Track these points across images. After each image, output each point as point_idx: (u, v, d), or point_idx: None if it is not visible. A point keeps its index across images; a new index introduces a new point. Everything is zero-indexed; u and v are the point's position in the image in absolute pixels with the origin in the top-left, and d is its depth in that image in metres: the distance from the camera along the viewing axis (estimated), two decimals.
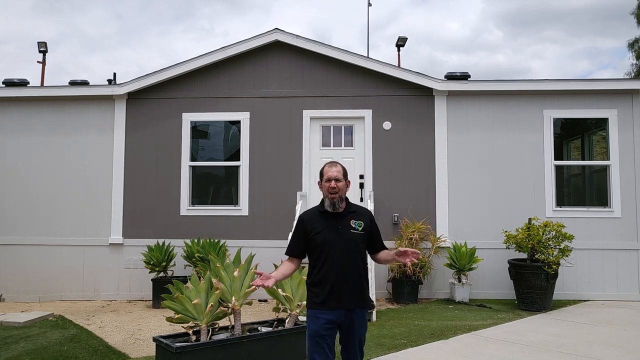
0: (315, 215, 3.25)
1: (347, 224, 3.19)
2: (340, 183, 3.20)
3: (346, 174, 3.28)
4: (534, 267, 7.31)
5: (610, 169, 8.48)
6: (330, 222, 3.19)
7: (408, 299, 7.94)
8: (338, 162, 3.30)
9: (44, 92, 9.27)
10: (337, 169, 3.23)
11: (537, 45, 62.56)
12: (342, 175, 3.23)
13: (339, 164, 3.28)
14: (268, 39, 8.87)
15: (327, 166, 3.28)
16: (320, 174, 3.30)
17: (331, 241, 3.13)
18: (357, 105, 8.83)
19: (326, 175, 3.22)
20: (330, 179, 3.19)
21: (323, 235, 3.15)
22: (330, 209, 3.20)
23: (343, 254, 3.13)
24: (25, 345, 5.66)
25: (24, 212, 8.99)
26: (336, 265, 3.11)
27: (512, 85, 8.68)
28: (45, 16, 74.72)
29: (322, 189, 3.26)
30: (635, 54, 23.71)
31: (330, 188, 3.18)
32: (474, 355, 5.18)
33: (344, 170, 3.26)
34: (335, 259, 3.12)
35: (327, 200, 3.21)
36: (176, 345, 3.83)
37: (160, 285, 7.79)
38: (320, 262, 3.14)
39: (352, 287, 3.14)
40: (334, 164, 3.27)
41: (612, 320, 6.81)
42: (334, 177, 3.19)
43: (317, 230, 3.17)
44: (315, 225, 3.19)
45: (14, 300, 8.78)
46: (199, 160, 9.10)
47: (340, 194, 3.20)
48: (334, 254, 3.12)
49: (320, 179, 3.29)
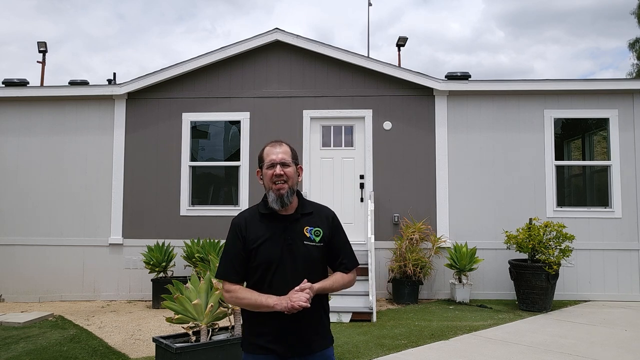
0: (255, 219, 2.27)
1: (299, 232, 2.25)
2: (289, 169, 2.25)
3: (295, 155, 2.33)
4: (535, 268, 7.30)
5: (610, 169, 8.47)
6: (274, 230, 2.23)
7: (408, 299, 7.92)
8: (283, 141, 2.35)
9: (43, 92, 9.26)
10: (282, 149, 2.28)
11: (539, 46, 62.58)
12: (291, 157, 2.29)
13: (285, 143, 2.34)
14: (268, 39, 8.86)
15: (269, 147, 2.31)
16: (260, 158, 2.32)
17: (277, 259, 2.19)
18: (357, 105, 8.82)
19: (268, 159, 2.26)
20: (274, 164, 2.24)
21: (266, 250, 2.20)
22: (277, 206, 2.23)
23: (298, 277, 2.18)
24: (25, 346, 5.65)
25: (23, 212, 8.97)
26: (284, 294, 2.14)
27: (512, 85, 8.67)
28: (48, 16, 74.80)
29: (264, 180, 2.29)
30: (636, 54, 23.69)
31: (274, 176, 2.23)
32: (475, 356, 5.17)
33: (292, 150, 2.32)
34: (283, 284, 2.17)
35: (272, 194, 2.23)
36: (176, 346, 3.82)
37: (160, 285, 7.77)
38: (262, 289, 2.19)
39: (312, 325, 2.22)
40: (277, 143, 2.32)
41: (612, 320, 6.79)
42: (280, 161, 2.24)
43: (258, 242, 2.21)
44: (254, 235, 2.23)
45: (14, 301, 8.77)
46: (199, 160, 9.09)
47: (290, 184, 2.24)
48: (282, 278, 2.18)
49: (260, 165, 2.32)
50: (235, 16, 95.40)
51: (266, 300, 2.13)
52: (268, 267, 2.19)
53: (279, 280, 2.18)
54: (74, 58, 62.53)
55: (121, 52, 67.41)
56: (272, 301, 2.12)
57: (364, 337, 5.86)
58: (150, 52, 73.32)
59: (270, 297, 2.14)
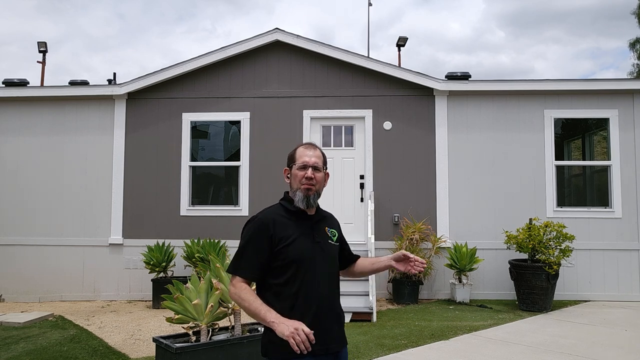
0: (283, 217, 2.25)
1: (323, 232, 2.33)
2: (320, 174, 2.30)
3: (326, 161, 2.38)
4: (535, 268, 7.30)
5: (611, 169, 8.47)
6: (304, 229, 2.26)
7: (408, 299, 7.92)
8: (317, 146, 2.37)
9: (43, 92, 9.26)
10: (316, 154, 2.31)
11: (540, 46, 62.59)
12: (322, 163, 2.32)
13: (318, 148, 2.37)
14: (268, 39, 8.86)
15: (302, 148, 2.33)
16: (291, 157, 2.34)
17: (309, 256, 2.20)
18: (357, 105, 8.81)
19: (301, 160, 2.28)
20: (306, 166, 2.27)
21: (298, 248, 2.19)
22: (303, 205, 2.26)
23: (326, 275, 2.25)
24: (25, 346, 5.65)
25: (23, 212, 8.97)
26: (318, 291, 2.19)
27: (512, 85, 8.67)
28: (48, 16, 74.85)
29: (291, 179, 2.31)
30: (637, 54, 23.70)
31: (305, 178, 2.25)
32: (475, 356, 5.17)
33: (323, 156, 2.36)
34: (315, 282, 2.19)
35: (300, 194, 2.25)
36: (176, 346, 3.82)
37: (160, 285, 7.77)
38: (293, 287, 2.16)
39: (340, 320, 2.30)
40: (311, 146, 2.34)
41: (613, 320, 6.79)
42: (312, 164, 2.27)
43: (289, 240, 2.19)
44: (285, 233, 2.20)
45: (14, 301, 8.77)
46: (199, 160, 9.09)
47: (317, 188, 2.29)
48: (314, 274, 2.20)
49: (290, 164, 2.32)
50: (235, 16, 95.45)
51: (265, 312, 2.07)
52: (300, 264, 2.17)
53: (311, 277, 2.18)
54: (74, 58, 62.59)
55: (121, 52, 67.47)
56: (271, 317, 2.05)
57: (364, 337, 5.86)
58: (150, 52, 73.38)
59: (270, 311, 2.07)
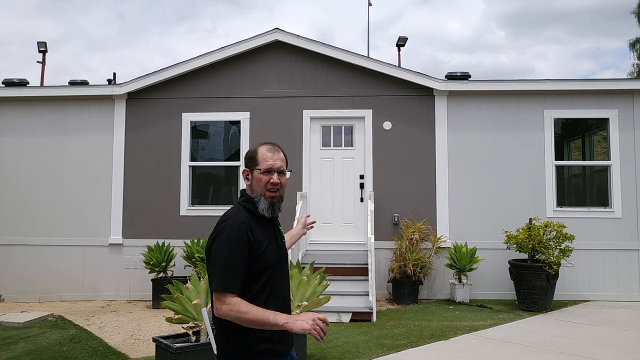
0: (252, 222, 2.13)
1: (279, 232, 2.28)
2: (284, 178, 2.19)
3: (288, 163, 2.27)
4: (535, 268, 7.30)
5: (610, 169, 8.47)
6: (268, 232, 2.19)
7: (408, 299, 7.92)
8: (280, 148, 2.23)
9: (43, 92, 9.26)
10: (280, 157, 2.19)
11: (540, 46, 62.54)
12: (286, 165, 2.23)
13: (282, 150, 2.23)
14: (268, 39, 8.86)
15: (265, 149, 2.17)
16: (252, 159, 2.18)
17: (276, 262, 2.16)
18: (357, 105, 8.82)
19: (265, 164, 2.14)
20: (272, 170, 2.14)
21: (270, 254, 2.13)
22: (268, 214, 2.15)
23: (286, 275, 2.26)
24: (25, 346, 5.65)
25: (23, 212, 8.97)
26: (281, 293, 2.18)
27: (512, 85, 8.67)
28: (49, 16, 74.77)
29: (253, 182, 2.17)
30: (637, 54, 23.69)
31: (271, 183, 2.13)
32: (475, 356, 5.17)
33: (286, 159, 2.24)
34: (279, 284, 2.17)
35: (265, 202, 2.14)
36: (176, 346, 3.83)
37: (160, 285, 7.77)
38: (265, 293, 2.09)
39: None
40: (274, 148, 2.20)
41: (612, 320, 6.80)
42: (278, 168, 2.15)
43: (263, 246, 2.10)
44: (259, 238, 2.10)
45: (14, 301, 8.77)
46: (199, 160, 9.09)
47: (281, 193, 2.19)
48: (280, 276, 2.18)
49: (252, 166, 2.17)
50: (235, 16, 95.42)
51: (274, 317, 1.97)
52: (273, 269, 2.12)
53: (278, 280, 2.15)
54: (74, 58, 62.57)
55: (122, 52, 67.43)
56: (282, 319, 1.96)
57: (364, 337, 5.86)
58: (150, 52, 73.34)
59: (277, 314, 1.99)
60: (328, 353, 5.24)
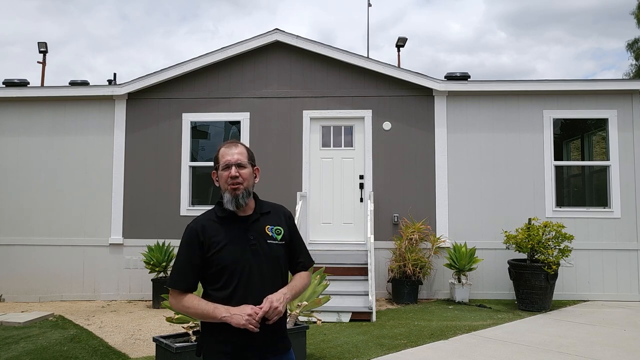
0: (213, 223, 2.18)
1: (261, 232, 2.21)
2: (245, 170, 2.20)
3: (252, 157, 2.27)
4: (534, 268, 7.32)
5: (610, 169, 8.49)
6: (236, 232, 2.17)
7: (408, 299, 7.94)
8: (239, 143, 2.28)
9: (44, 92, 9.27)
10: (238, 150, 2.22)
11: (541, 46, 62.52)
12: (247, 159, 2.22)
13: (241, 144, 2.27)
14: (268, 40, 8.88)
15: (224, 148, 2.24)
16: (215, 159, 2.25)
17: (242, 261, 2.12)
18: (357, 106, 8.83)
19: (223, 160, 2.20)
20: (229, 165, 2.18)
21: (229, 254, 2.12)
22: (232, 207, 2.17)
23: (260, 278, 2.14)
24: (25, 346, 5.67)
25: (24, 212, 8.98)
26: (252, 297, 2.09)
27: (512, 86, 8.68)
28: (52, 17, 74.78)
29: (220, 182, 2.23)
30: (635, 55, 23.71)
31: (230, 177, 2.16)
32: (474, 356, 5.18)
33: (248, 151, 2.26)
34: (249, 287, 2.11)
35: (228, 195, 2.17)
36: (176, 346, 3.84)
37: (160, 285, 7.80)
38: (225, 293, 2.10)
39: (274, 327, 2.13)
40: (232, 144, 2.25)
41: (612, 320, 6.81)
42: (235, 162, 2.18)
43: (219, 246, 2.12)
44: (215, 239, 2.14)
45: (14, 301, 8.79)
46: (199, 161, 9.10)
47: (245, 186, 2.19)
48: (250, 277, 2.12)
49: (216, 166, 2.24)
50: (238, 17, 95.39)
51: (213, 310, 2.04)
52: (234, 269, 2.11)
53: (246, 281, 2.11)
54: (77, 58, 62.59)
55: (124, 52, 67.47)
56: (220, 312, 2.03)
57: (364, 337, 5.88)
58: (153, 52, 73.37)
59: (218, 307, 2.04)
60: (328, 353, 5.25)
